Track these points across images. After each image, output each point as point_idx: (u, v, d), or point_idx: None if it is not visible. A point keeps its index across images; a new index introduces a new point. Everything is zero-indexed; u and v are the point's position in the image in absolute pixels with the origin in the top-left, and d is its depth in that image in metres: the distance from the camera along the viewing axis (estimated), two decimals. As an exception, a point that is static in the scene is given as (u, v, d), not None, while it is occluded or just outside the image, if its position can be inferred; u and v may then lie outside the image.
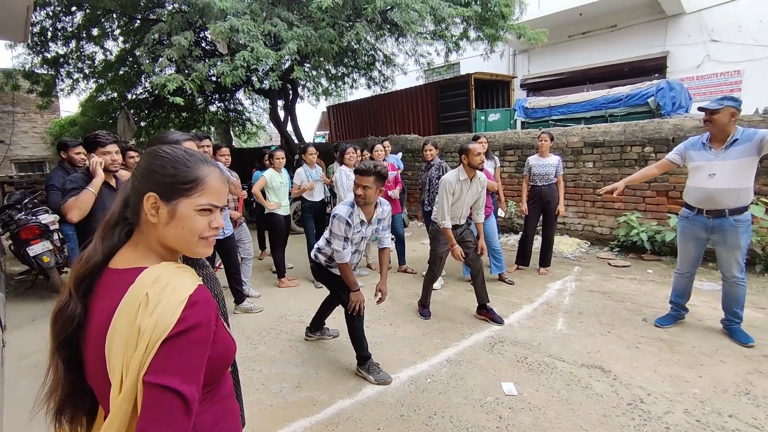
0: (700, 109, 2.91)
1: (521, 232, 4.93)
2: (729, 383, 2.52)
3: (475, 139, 4.74)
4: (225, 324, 0.92)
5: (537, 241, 5.05)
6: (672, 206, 5.03)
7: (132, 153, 4.20)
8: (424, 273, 3.82)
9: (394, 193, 4.85)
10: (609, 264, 4.97)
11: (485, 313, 3.57)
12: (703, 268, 4.21)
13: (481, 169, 3.49)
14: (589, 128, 5.86)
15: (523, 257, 4.85)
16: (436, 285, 4.52)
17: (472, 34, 7.96)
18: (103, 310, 0.78)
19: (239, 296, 3.94)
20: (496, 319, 3.50)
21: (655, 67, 9.95)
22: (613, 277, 4.54)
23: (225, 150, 4.17)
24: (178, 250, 0.88)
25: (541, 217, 4.70)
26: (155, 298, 0.75)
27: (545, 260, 4.76)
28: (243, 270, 4.23)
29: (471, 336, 3.31)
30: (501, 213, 5.21)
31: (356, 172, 2.60)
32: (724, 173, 2.82)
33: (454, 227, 3.53)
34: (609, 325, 3.38)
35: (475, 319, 3.62)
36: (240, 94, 12.38)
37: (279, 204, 4.48)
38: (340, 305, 2.89)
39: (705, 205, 2.92)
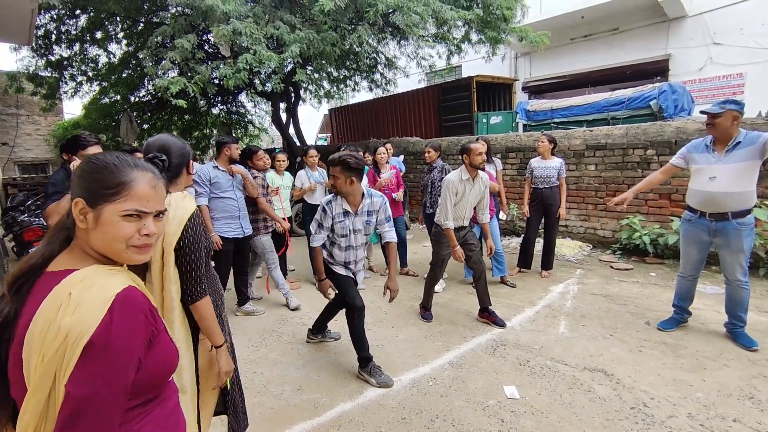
0: (702, 112, 2.90)
1: (523, 235, 4.92)
2: (733, 387, 2.51)
3: (476, 140, 4.76)
4: (168, 331, 0.91)
5: (539, 244, 5.03)
6: (675, 209, 5.01)
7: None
8: (426, 276, 3.82)
9: (398, 195, 4.85)
10: (611, 267, 4.95)
11: (487, 316, 3.56)
12: (705, 271, 4.19)
13: (483, 169, 3.48)
14: (591, 131, 5.86)
15: (525, 260, 4.84)
16: (437, 288, 4.51)
17: (474, 36, 7.97)
18: (30, 311, 0.76)
19: (242, 297, 3.94)
20: (498, 322, 3.48)
21: (658, 69, 9.93)
22: (616, 280, 4.52)
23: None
24: (109, 256, 0.86)
25: (543, 220, 4.70)
26: (78, 296, 0.74)
27: (547, 263, 4.75)
28: (251, 272, 4.25)
29: (473, 339, 3.30)
30: (503, 216, 5.20)
31: (333, 163, 2.59)
32: (725, 176, 2.81)
33: (457, 229, 3.52)
34: (612, 328, 3.36)
35: (477, 321, 3.61)
36: (242, 97, 12.42)
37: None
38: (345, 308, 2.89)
39: (707, 207, 2.91)
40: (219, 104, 12.07)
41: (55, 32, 7.98)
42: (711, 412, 2.30)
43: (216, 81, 6.72)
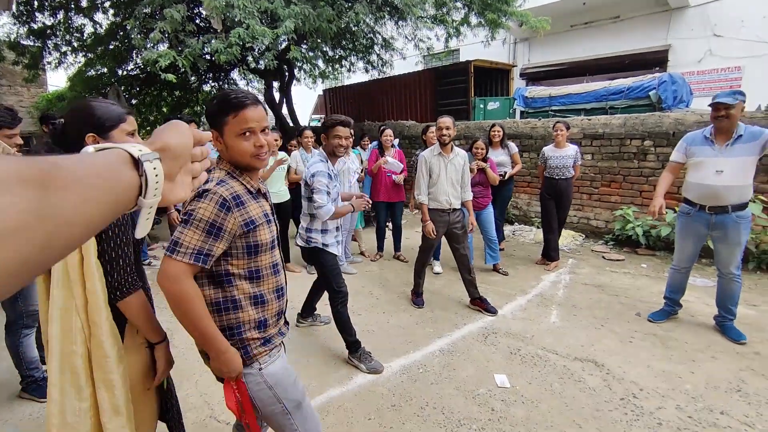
0: (712, 104, 2.82)
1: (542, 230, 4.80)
2: (721, 380, 2.52)
3: (492, 127, 4.82)
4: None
5: (536, 234, 5.01)
6: (668, 201, 4.97)
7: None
8: (415, 261, 3.78)
9: (399, 178, 4.75)
10: (603, 257, 4.96)
11: (479, 303, 3.54)
12: (696, 264, 4.21)
13: (445, 143, 3.36)
14: (590, 120, 5.80)
15: (548, 253, 4.66)
16: (437, 269, 4.49)
17: (474, 19, 7.80)
18: None
19: None
20: (490, 309, 3.47)
21: (657, 60, 9.85)
22: (608, 270, 4.53)
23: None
24: None
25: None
26: None
27: (554, 255, 4.59)
28: None
29: (464, 326, 3.28)
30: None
31: (340, 124, 2.63)
32: (730, 170, 2.78)
33: (443, 211, 3.45)
34: (603, 318, 3.37)
35: (468, 309, 3.60)
36: (235, 74, 12.09)
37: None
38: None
39: (709, 201, 2.88)
40: (210, 81, 11.73)
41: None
42: (699, 404, 2.31)
43: (207, 56, 6.49)
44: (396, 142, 5.85)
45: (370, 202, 2.90)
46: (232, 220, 1.21)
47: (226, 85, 12.46)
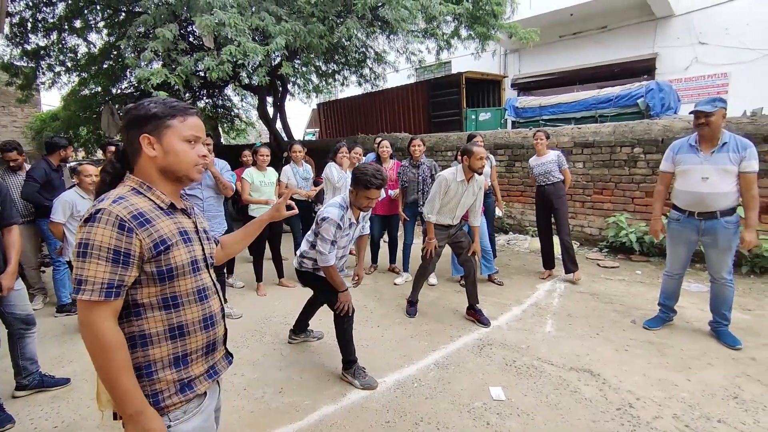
0: (694, 111, 2.86)
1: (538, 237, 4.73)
2: (717, 387, 2.50)
3: (471, 137, 4.64)
4: None
5: (531, 242, 5.01)
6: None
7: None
8: (416, 271, 3.77)
9: (395, 192, 4.73)
10: (598, 265, 4.96)
11: (473, 314, 3.53)
12: (690, 269, 4.21)
13: (480, 173, 3.41)
14: (580, 128, 5.86)
15: (547, 261, 4.63)
16: (432, 280, 4.47)
17: (464, 32, 7.92)
18: None
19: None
20: (483, 321, 3.45)
21: (644, 68, 10.02)
22: (602, 278, 4.53)
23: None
24: None
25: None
26: None
27: (568, 264, 4.41)
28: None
29: (459, 338, 3.26)
30: (499, 213, 5.11)
31: (374, 186, 2.49)
32: (715, 177, 2.80)
33: (447, 227, 3.48)
34: (598, 327, 3.35)
35: (463, 320, 3.57)
36: (228, 90, 12.20)
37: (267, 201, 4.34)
38: (327, 306, 2.81)
39: (697, 207, 2.90)
40: (204, 97, 11.83)
41: (30, 20, 7.71)
42: (696, 412, 2.29)
43: (200, 73, 6.54)
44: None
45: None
46: (138, 242, 1.00)
47: (220, 101, 12.56)
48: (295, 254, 2.91)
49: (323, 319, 3.29)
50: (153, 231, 1.04)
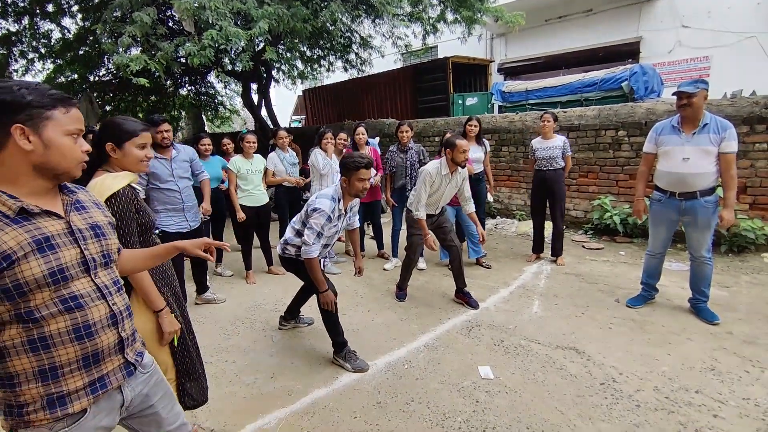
0: (676, 93, 2.91)
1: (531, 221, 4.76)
2: (696, 360, 2.60)
3: (468, 121, 4.56)
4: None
5: (518, 226, 5.06)
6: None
7: (90, 136, 3.99)
8: (402, 260, 3.79)
9: (375, 179, 4.72)
10: (583, 247, 5.06)
11: (461, 296, 3.58)
12: (671, 249, 4.32)
13: (464, 167, 3.45)
14: (565, 112, 5.89)
15: (537, 245, 4.67)
16: (421, 264, 4.51)
17: (450, 16, 7.84)
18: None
19: (202, 287, 3.83)
20: (472, 304, 3.51)
21: (629, 52, 10.08)
22: (587, 259, 4.62)
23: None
24: None
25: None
26: None
27: (556, 249, 4.52)
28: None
29: (448, 320, 3.31)
30: (489, 198, 5.12)
31: (365, 166, 2.53)
32: (696, 157, 2.87)
33: (429, 216, 3.50)
34: (583, 306, 3.44)
35: (452, 303, 3.63)
36: (211, 77, 11.91)
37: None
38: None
39: (678, 188, 2.97)
40: (187, 84, 11.55)
41: (0, 4, 7.37)
42: (675, 384, 2.38)
43: (182, 59, 6.37)
44: (376, 141, 5.86)
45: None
46: None
47: (203, 89, 12.28)
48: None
49: (313, 305, 3.29)
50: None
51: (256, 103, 10.32)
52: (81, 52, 8.37)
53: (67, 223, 1.05)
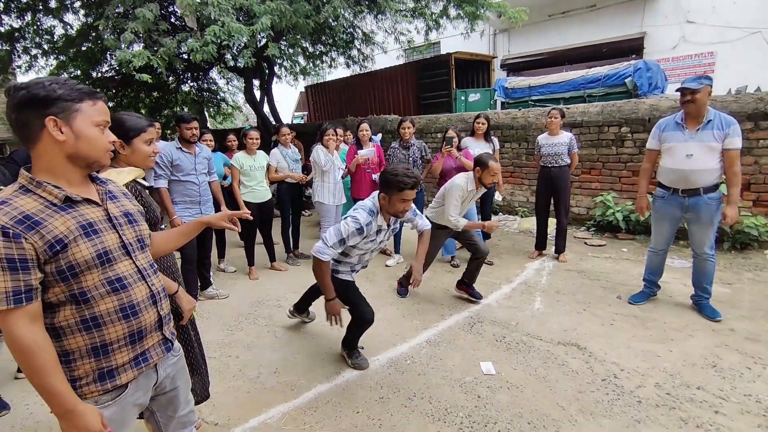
0: (680, 89, 2.89)
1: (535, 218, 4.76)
2: (697, 357, 2.61)
3: (477, 118, 4.60)
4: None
5: (520, 223, 5.06)
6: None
7: None
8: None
9: (378, 176, 4.71)
10: (585, 243, 5.06)
11: (464, 288, 3.59)
12: (674, 245, 4.31)
13: (488, 189, 3.55)
14: (568, 108, 5.87)
15: (540, 243, 4.67)
16: (389, 262, 4.62)
17: (452, 11, 7.80)
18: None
19: (204, 282, 3.85)
20: (475, 295, 3.52)
21: (633, 47, 10.01)
22: (590, 256, 4.62)
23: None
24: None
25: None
26: None
27: (559, 246, 4.52)
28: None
29: (451, 316, 3.32)
30: (498, 197, 5.12)
31: (408, 186, 2.28)
32: (700, 153, 2.86)
33: (445, 227, 3.52)
34: (585, 303, 3.44)
35: (454, 299, 3.64)
36: (214, 73, 11.92)
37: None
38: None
39: (681, 185, 2.96)
40: (189, 81, 11.55)
41: (2, 1, 7.37)
42: (677, 381, 2.39)
43: (184, 55, 6.37)
44: (378, 137, 5.86)
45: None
46: (30, 246, 0.97)
47: (206, 85, 12.27)
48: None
49: (317, 301, 3.32)
50: (45, 232, 1.00)
51: (258, 100, 10.32)
52: (84, 48, 8.38)
53: (105, 211, 1.14)
